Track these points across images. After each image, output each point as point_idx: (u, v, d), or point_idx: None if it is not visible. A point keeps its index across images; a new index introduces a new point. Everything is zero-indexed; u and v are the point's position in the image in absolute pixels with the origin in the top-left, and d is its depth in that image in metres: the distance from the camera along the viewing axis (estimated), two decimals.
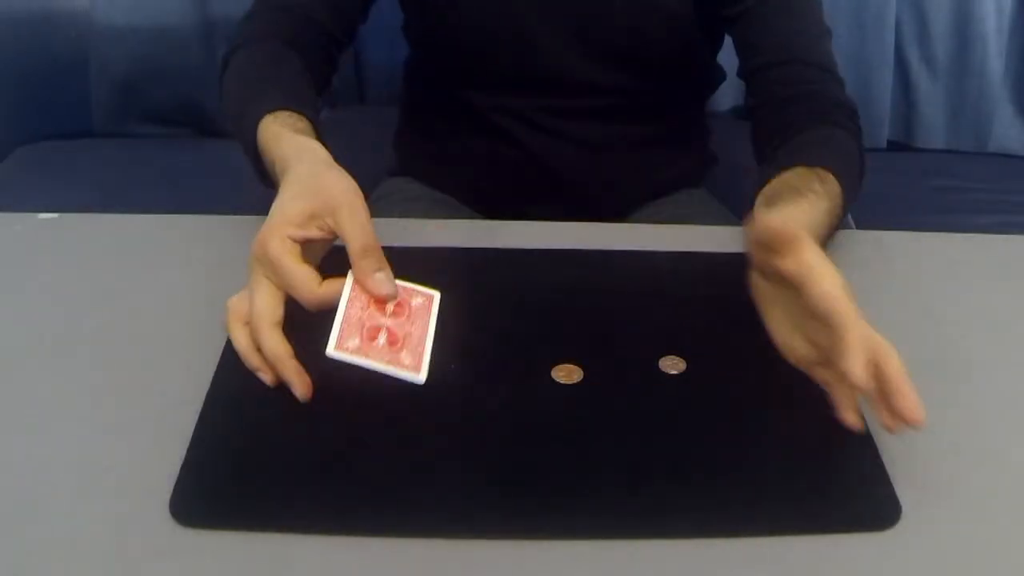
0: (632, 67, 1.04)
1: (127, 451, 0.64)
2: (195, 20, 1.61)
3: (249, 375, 0.70)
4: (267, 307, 0.66)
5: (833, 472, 0.64)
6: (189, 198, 0.93)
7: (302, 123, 0.82)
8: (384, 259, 0.67)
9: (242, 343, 0.68)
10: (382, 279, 0.67)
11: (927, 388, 0.72)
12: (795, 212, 0.77)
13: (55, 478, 0.62)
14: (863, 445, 0.66)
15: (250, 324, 0.67)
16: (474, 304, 0.78)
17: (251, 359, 0.68)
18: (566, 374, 0.71)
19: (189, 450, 0.63)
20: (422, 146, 1.20)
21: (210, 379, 0.70)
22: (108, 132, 1.66)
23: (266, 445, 0.65)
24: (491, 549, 0.58)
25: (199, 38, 1.62)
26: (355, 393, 0.70)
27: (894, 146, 1.74)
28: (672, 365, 0.72)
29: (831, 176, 0.84)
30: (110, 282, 0.83)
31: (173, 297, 0.80)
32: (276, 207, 0.69)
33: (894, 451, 0.65)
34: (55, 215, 0.91)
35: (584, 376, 0.71)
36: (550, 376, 0.71)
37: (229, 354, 0.72)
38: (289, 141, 0.78)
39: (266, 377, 0.67)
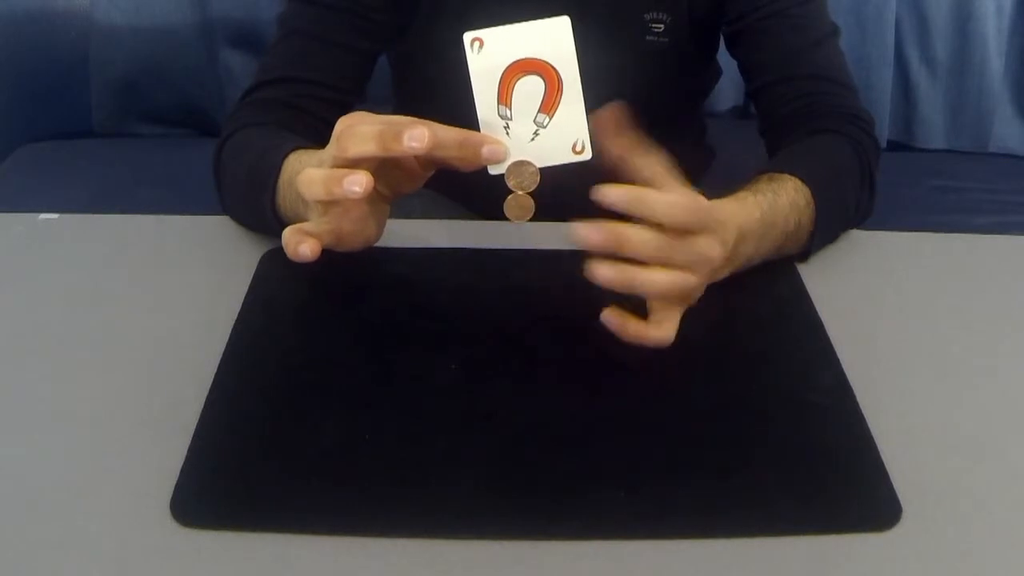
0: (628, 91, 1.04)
1: (127, 451, 0.64)
2: (195, 20, 1.61)
3: (250, 375, 0.70)
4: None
5: (833, 472, 0.64)
6: (189, 198, 0.92)
7: None
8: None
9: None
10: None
11: (926, 388, 0.73)
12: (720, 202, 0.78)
13: (55, 478, 0.62)
14: (863, 445, 0.66)
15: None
16: (473, 304, 0.78)
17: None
18: (567, 373, 0.71)
19: (189, 450, 0.63)
20: None
21: (210, 379, 0.70)
22: (108, 132, 1.65)
23: (266, 445, 0.65)
24: (491, 549, 0.58)
25: (199, 38, 1.62)
26: (355, 393, 0.70)
27: (894, 146, 1.74)
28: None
29: (793, 179, 0.84)
30: (110, 282, 0.83)
31: (173, 297, 0.80)
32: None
33: (894, 451, 0.65)
34: (55, 215, 0.91)
35: (586, 376, 0.71)
36: (551, 376, 0.71)
37: (229, 354, 0.72)
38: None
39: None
